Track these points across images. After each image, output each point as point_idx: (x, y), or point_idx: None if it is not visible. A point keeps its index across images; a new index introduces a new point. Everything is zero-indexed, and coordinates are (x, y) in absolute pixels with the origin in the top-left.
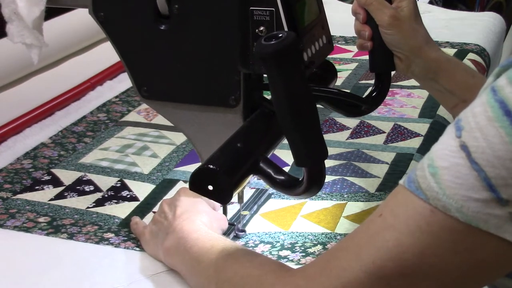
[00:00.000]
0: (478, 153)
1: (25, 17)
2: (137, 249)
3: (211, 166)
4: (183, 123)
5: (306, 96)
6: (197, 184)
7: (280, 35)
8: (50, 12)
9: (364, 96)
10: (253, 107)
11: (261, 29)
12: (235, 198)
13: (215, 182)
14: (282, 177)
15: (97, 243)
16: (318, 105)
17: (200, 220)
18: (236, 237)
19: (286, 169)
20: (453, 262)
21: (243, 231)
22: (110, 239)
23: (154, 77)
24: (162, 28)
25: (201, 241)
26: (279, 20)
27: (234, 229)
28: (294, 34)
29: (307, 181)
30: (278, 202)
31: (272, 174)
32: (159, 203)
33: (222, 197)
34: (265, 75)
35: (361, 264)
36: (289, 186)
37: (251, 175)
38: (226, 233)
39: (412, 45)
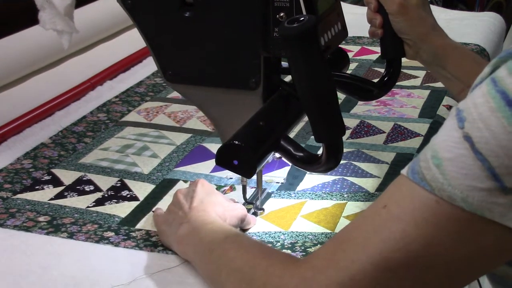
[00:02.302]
0: (482, 144)
1: (57, 4)
2: (137, 248)
3: (237, 142)
4: (206, 105)
5: (326, 75)
6: (223, 159)
7: (302, 18)
8: None
9: (375, 81)
10: (272, 89)
11: (281, 14)
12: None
13: (240, 156)
14: (302, 154)
15: (97, 242)
16: None
17: (215, 212)
18: (255, 214)
19: (286, 169)
20: (458, 252)
21: (262, 209)
22: (110, 238)
23: (179, 61)
24: (186, 15)
25: (215, 232)
26: (298, 6)
27: (252, 207)
28: (314, 17)
29: (325, 156)
30: (278, 202)
31: (292, 150)
32: (159, 203)
33: (247, 171)
34: (282, 59)
35: (368, 255)
36: (308, 161)
37: (272, 152)
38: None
39: (419, 32)
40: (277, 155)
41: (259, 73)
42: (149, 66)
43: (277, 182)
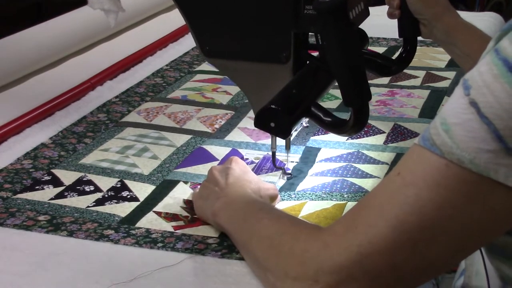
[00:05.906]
0: (487, 108)
1: None
2: (137, 245)
3: (274, 106)
4: (239, 77)
5: (355, 45)
6: (261, 121)
7: None
8: (47, 15)
9: (394, 58)
10: (300, 63)
11: None
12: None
13: (277, 119)
14: (330, 119)
15: (96, 239)
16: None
17: (250, 188)
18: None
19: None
20: (468, 213)
21: (290, 173)
22: (110, 236)
23: (216, 38)
24: None
25: (250, 204)
26: None
27: (282, 171)
28: None
29: (353, 119)
30: (279, 203)
31: (322, 116)
32: (159, 203)
33: (282, 132)
34: (310, 35)
35: (385, 219)
36: (336, 125)
37: (304, 118)
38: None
39: (434, 12)
40: (305, 123)
41: (290, 48)
42: (149, 66)
43: (291, 161)
